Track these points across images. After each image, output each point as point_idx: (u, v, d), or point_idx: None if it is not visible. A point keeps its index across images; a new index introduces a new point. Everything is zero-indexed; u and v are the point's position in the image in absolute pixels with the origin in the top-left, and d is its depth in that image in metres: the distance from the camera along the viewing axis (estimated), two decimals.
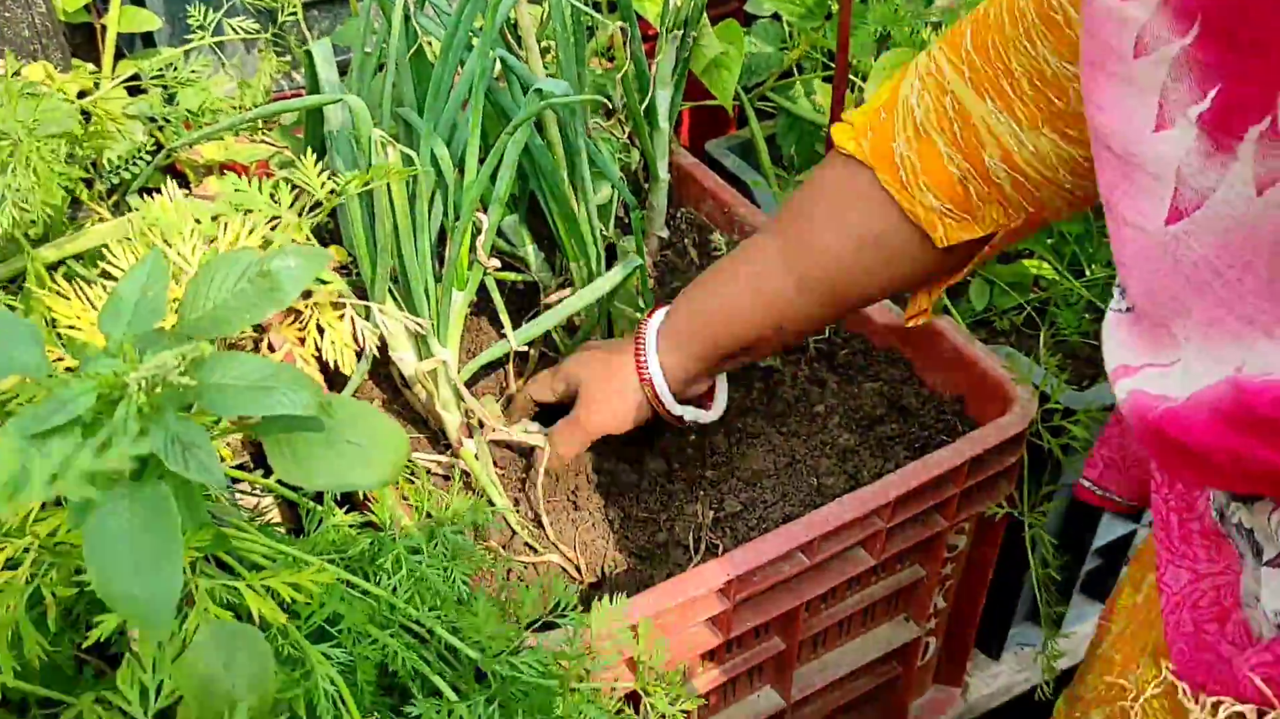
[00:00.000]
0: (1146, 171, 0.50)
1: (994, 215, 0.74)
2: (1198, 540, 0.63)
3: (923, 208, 0.74)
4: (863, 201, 0.76)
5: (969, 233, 0.74)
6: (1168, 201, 0.50)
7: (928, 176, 0.73)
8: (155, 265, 0.44)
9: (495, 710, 0.61)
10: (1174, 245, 0.50)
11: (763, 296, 0.83)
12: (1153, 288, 0.52)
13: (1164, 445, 0.53)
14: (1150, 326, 0.54)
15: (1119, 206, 0.52)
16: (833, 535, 0.86)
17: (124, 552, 0.40)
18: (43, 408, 0.40)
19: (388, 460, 0.46)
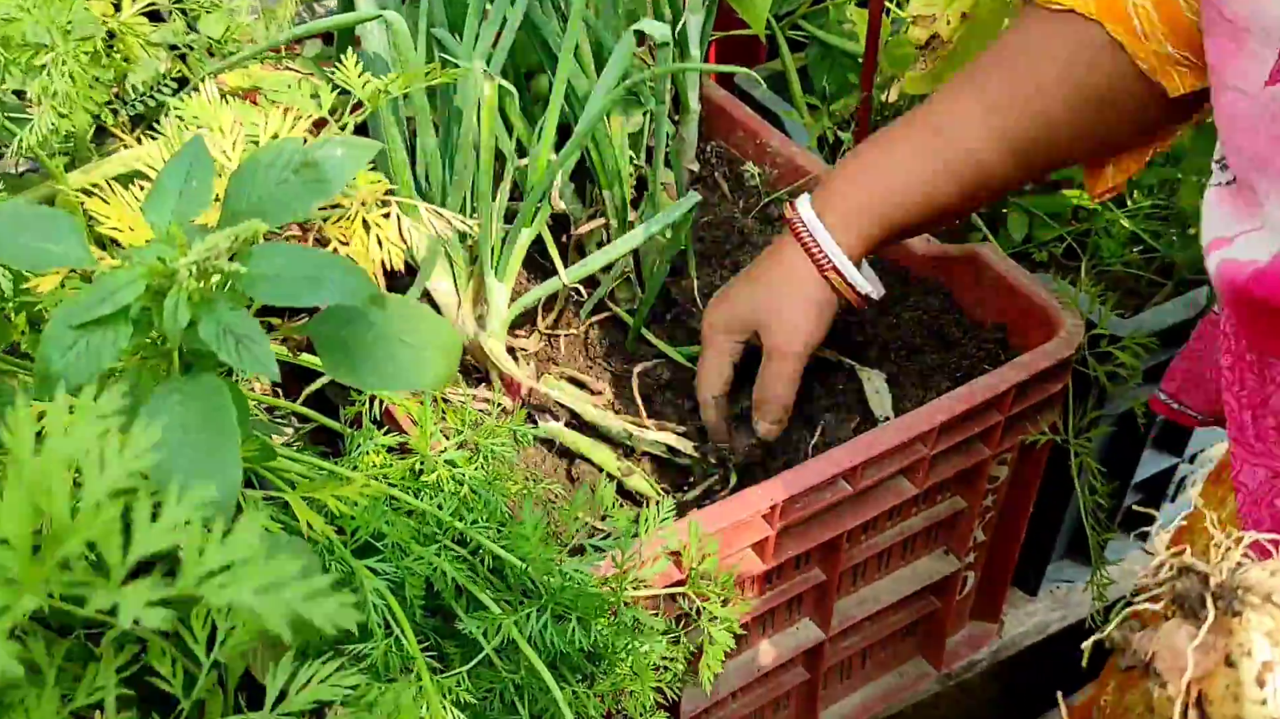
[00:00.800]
0: (1255, 36, 0.50)
1: None
2: (1274, 438, 0.62)
3: (1157, 57, 0.70)
4: (1091, 56, 0.71)
5: (1203, 80, 0.69)
6: (1270, 64, 0.50)
7: (1164, 24, 0.69)
8: (199, 152, 0.42)
9: (547, 620, 0.60)
10: (1272, 104, 0.50)
11: (964, 167, 0.77)
12: (1242, 147, 0.52)
13: (1252, 309, 0.53)
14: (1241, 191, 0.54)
15: (1225, 72, 0.53)
16: (876, 462, 0.85)
17: (181, 447, 0.38)
18: (88, 297, 0.38)
19: (441, 362, 0.44)
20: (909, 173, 0.79)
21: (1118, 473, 1.10)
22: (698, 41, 1.09)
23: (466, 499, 0.65)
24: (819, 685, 1.00)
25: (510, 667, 0.64)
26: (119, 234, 0.47)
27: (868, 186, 0.80)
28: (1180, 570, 0.38)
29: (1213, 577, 0.38)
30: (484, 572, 0.65)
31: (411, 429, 0.68)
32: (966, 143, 0.77)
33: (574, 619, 0.63)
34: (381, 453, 0.67)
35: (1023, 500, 1.02)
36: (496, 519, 0.66)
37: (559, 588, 0.63)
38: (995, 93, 0.76)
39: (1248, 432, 0.63)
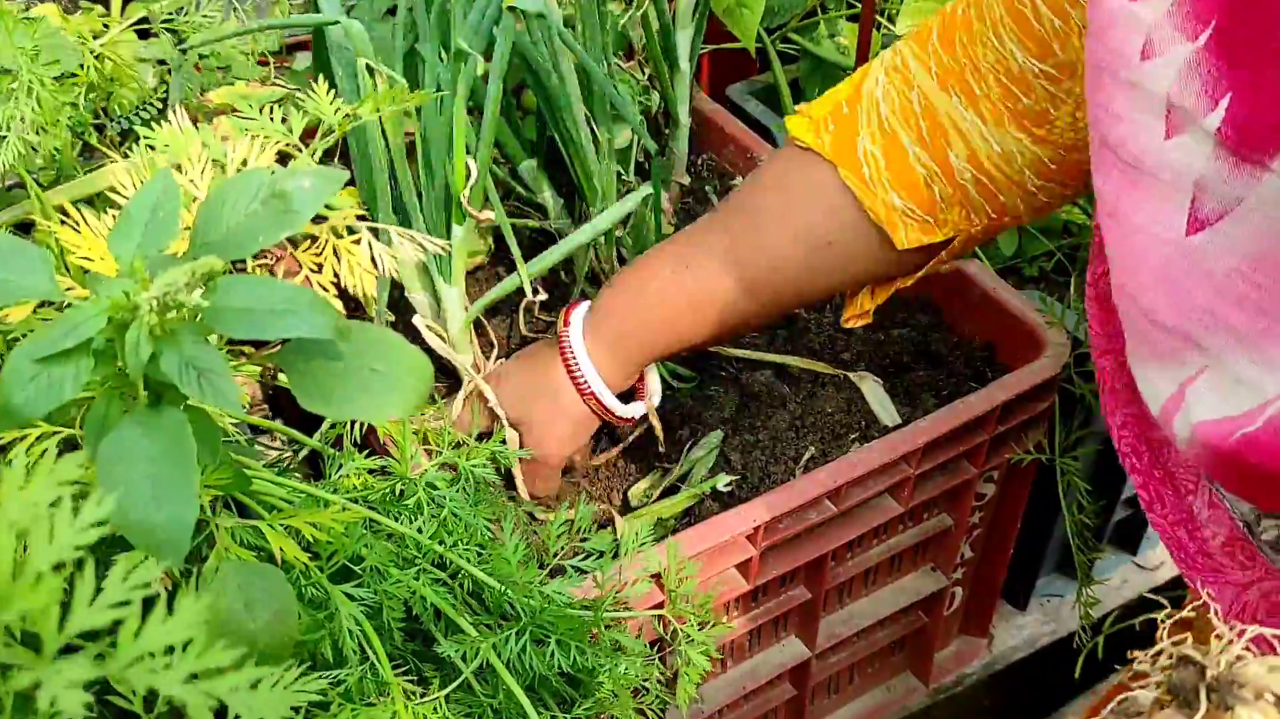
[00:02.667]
0: (1160, 179, 0.48)
1: (955, 219, 0.72)
2: (1218, 551, 0.60)
3: (885, 207, 0.71)
4: (823, 199, 0.73)
5: (930, 236, 0.72)
6: (1185, 211, 0.47)
7: (892, 174, 0.71)
8: (166, 184, 0.42)
9: (526, 643, 0.60)
10: (1200, 256, 0.48)
11: (706, 301, 0.78)
12: (1179, 300, 0.50)
13: (1246, 471, 0.51)
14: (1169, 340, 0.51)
15: (1128, 215, 0.50)
16: (860, 482, 0.85)
17: (140, 480, 0.38)
18: (53, 331, 0.38)
19: (413, 388, 0.44)
20: (671, 308, 0.80)
21: (1106, 488, 1.10)
22: (688, 56, 1.09)
23: (446, 522, 0.65)
24: (806, 701, 1.00)
25: (489, 691, 0.64)
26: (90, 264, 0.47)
27: (632, 318, 0.82)
28: (1179, 660, 0.38)
29: (1209, 668, 0.37)
30: (463, 595, 0.64)
31: (392, 450, 0.68)
32: (717, 283, 0.78)
33: (553, 642, 0.63)
34: (362, 475, 0.67)
35: (1010, 517, 1.02)
36: (477, 541, 0.65)
37: (539, 609, 0.63)
38: (742, 232, 0.77)
39: (1189, 550, 0.61)
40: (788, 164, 0.75)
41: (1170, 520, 0.62)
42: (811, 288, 0.78)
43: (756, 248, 0.76)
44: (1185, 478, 0.62)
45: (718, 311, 0.79)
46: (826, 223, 0.73)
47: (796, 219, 0.74)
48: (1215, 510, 0.60)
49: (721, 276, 0.77)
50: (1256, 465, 0.49)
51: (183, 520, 0.38)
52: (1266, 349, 0.48)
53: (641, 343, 0.82)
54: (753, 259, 0.76)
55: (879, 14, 1.18)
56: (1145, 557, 1.23)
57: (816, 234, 0.74)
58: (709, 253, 0.78)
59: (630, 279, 0.83)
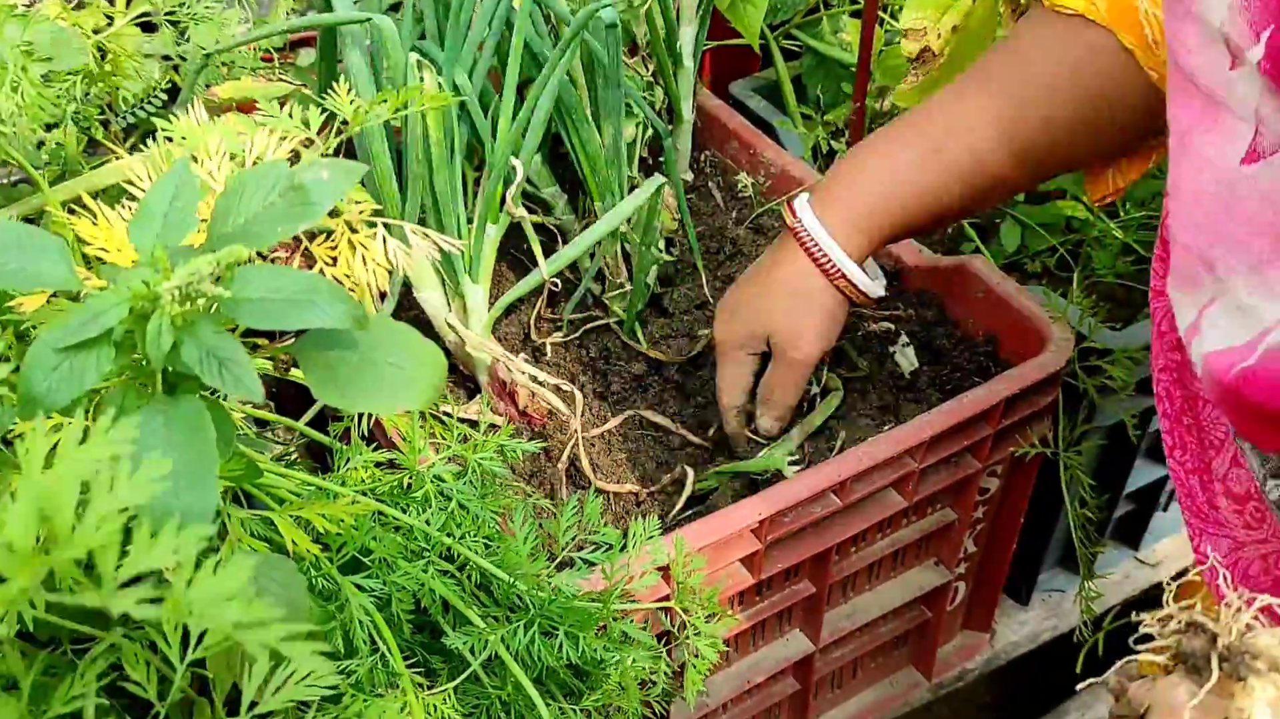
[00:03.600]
0: (1231, 111, 0.49)
1: None
2: (1226, 505, 0.61)
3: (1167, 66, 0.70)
4: (1100, 62, 0.70)
5: None
6: (1248, 141, 0.48)
7: None
8: (184, 175, 0.42)
9: (534, 634, 0.60)
10: (1243, 185, 0.49)
11: (969, 170, 0.75)
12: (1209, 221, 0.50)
13: (1242, 408, 0.51)
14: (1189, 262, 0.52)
15: (1195, 140, 0.51)
16: (864, 476, 0.85)
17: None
18: (73, 320, 0.39)
19: (428, 381, 0.44)
20: (913, 176, 0.77)
21: (1109, 483, 1.10)
22: (691, 52, 1.10)
23: (455, 514, 0.65)
24: (810, 696, 1.01)
25: (497, 683, 0.64)
26: (106, 255, 0.48)
27: (871, 190, 0.78)
28: (1188, 626, 0.38)
29: (1221, 637, 0.37)
30: (470, 587, 0.65)
31: (401, 444, 0.69)
32: (971, 145, 0.75)
33: (562, 633, 0.63)
34: (370, 468, 0.67)
35: (1014, 512, 1.02)
36: (485, 534, 0.66)
37: (547, 601, 0.63)
38: (1002, 94, 0.74)
39: (1198, 499, 0.62)
40: (1052, 28, 0.72)
41: (1188, 468, 0.63)
42: (1080, 152, 0.75)
43: (1028, 114, 0.73)
44: (1214, 433, 0.62)
45: (982, 178, 0.76)
46: (1103, 85, 0.71)
47: (1071, 81, 0.72)
48: (1237, 469, 0.60)
49: (990, 142, 0.75)
50: (1255, 403, 0.50)
51: (204, 507, 0.38)
52: (1270, 278, 0.49)
53: (885, 219, 0.79)
54: (1025, 124, 0.74)
55: (881, 10, 1.18)
56: (1147, 552, 1.23)
57: (1092, 97, 0.71)
58: (970, 120, 0.76)
59: (867, 157, 0.80)
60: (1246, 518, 0.60)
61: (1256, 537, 0.60)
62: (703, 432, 0.94)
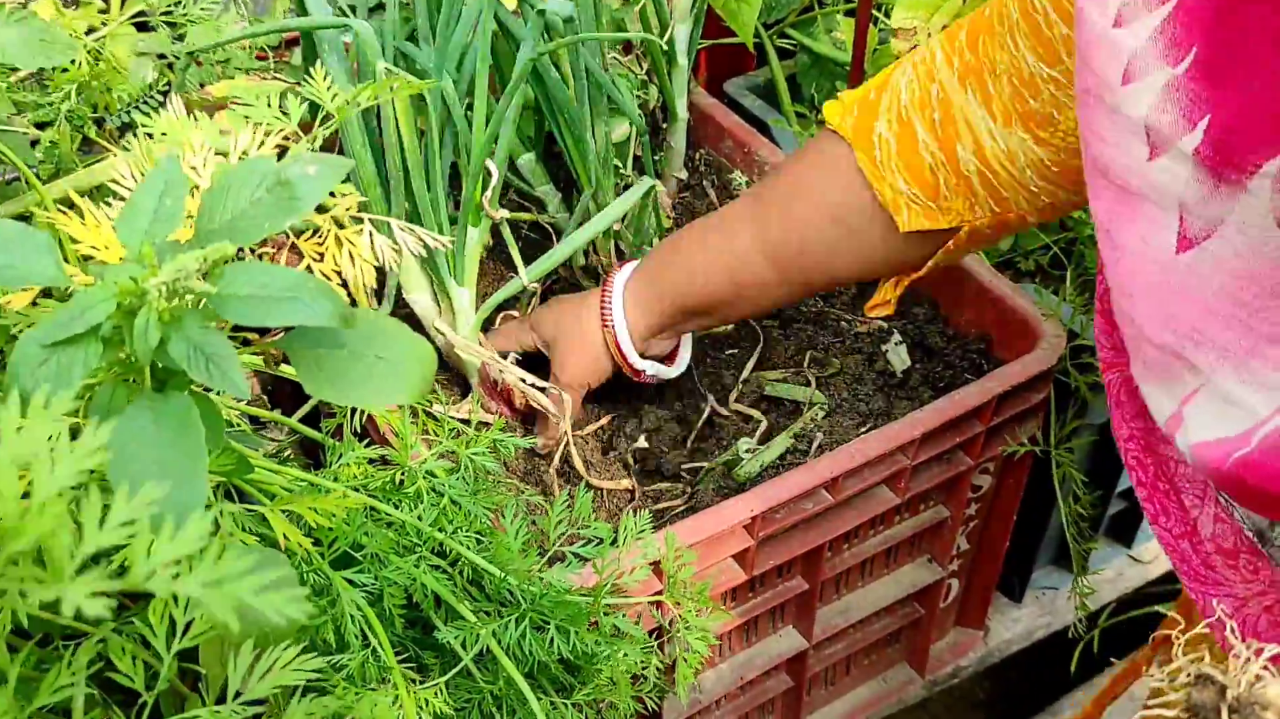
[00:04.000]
0: (1148, 200, 0.49)
1: (959, 208, 0.74)
2: (1221, 563, 0.61)
3: (891, 189, 0.74)
4: (838, 177, 0.76)
5: (932, 222, 0.74)
6: (1175, 231, 0.49)
7: (901, 159, 0.73)
8: (172, 172, 0.42)
9: (525, 629, 0.60)
10: (1189, 276, 0.49)
11: (731, 261, 0.83)
12: (1170, 318, 0.51)
13: (1247, 493, 0.52)
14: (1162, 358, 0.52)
15: (1120, 235, 0.51)
16: (856, 472, 0.85)
17: (149, 462, 0.39)
18: (60, 316, 0.39)
19: (416, 375, 0.45)
20: (700, 264, 0.85)
21: (1101, 481, 1.10)
22: (685, 50, 1.10)
23: (446, 510, 0.65)
24: (803, 692, 1.01)
25: (489, 677, 0.64)
26: (94, 252, 0.48)
27: (666, 272, 0.87)
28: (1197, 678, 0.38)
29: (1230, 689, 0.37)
30: (462, 582, 0.65)
31: (393, 440, 0.69)
32: (741, 245, 0.82)
33: (553, 628, 0.63)
34: (362, 464, 0.67)
35: (1006, 509, 1.02)
36: (476, 529, 0.66)
37: (538, 596, 0.64)
38: (768, 200, 0.81)
39: (1193, 563, 0.62)
40: (818, 144, 0.79)
41: (1175, 533, 0.63)
42: (830, 267, 0.80)
43: (779, 215, 0.80)
44: (1191, 491, 0.63)
45: (741, 274, 0.83)
46: (840, 199, 0.77)
47: (816, 192, 0.78)
48: (1221, 524, 0.61)
49: (748, 240, 0.82)
50: (1257, 488, 0.50)
51: (193, 500, 0.38)
52: (1254, 368, 0.49)
53: (670, 299, 0.87)
54: (775, 225, 0.80)
55: (876, 9, 1.18)
56: (1140, 549, 1.23)
57: (831, 209, 0.77)
58: (739, 216, 0.83)
59: (673, 242, 0.89)
60: (1242, 571, 0.61)
61: (1255, 589, 0.61)
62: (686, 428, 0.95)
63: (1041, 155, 0.69)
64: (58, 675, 0.44)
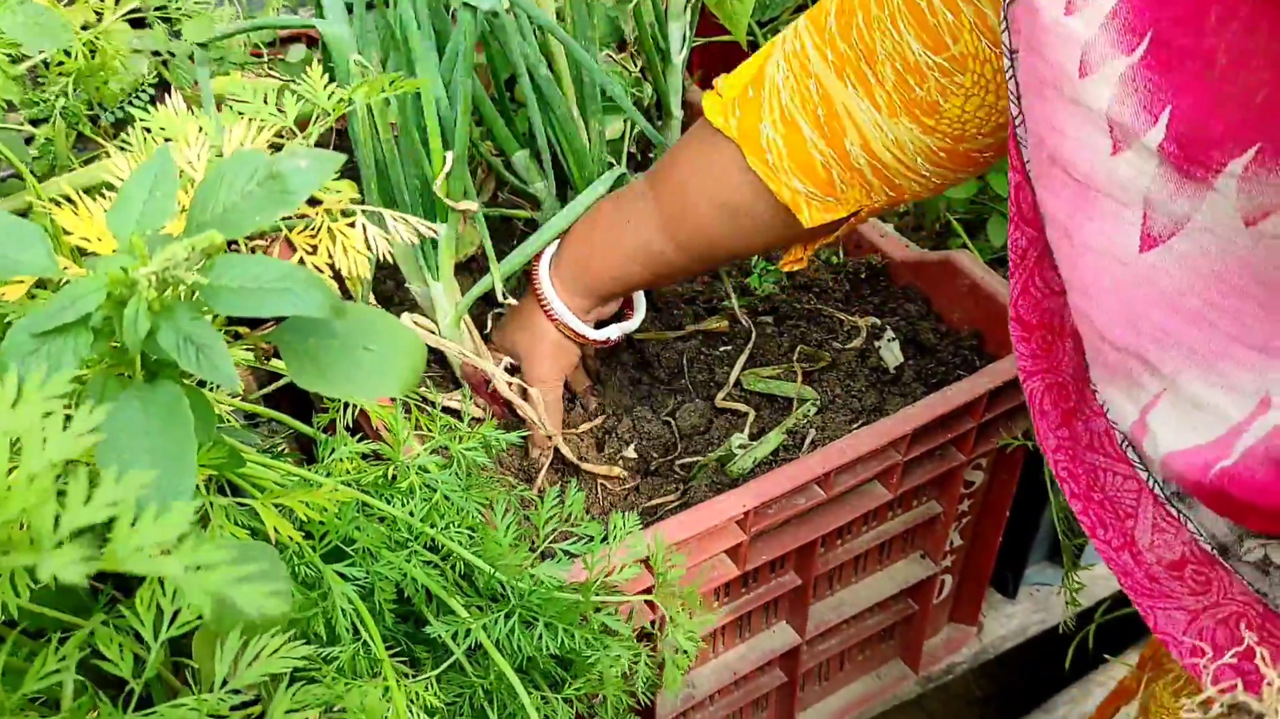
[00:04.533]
0: (1110, 197, 0.47)
1: (856, 197, 0.75)
2: (1164, 574, 0.60)
3: (789, 190, 0.75)
4: (734, 176, 0.77)
5: (833, 213, 0.75)
6: (1139, 228, 0.47)
7: (793, 161, 0.73)
8: (163, 164, 0.43)
9: (515, 624, 0.60)
10: (1153, 274, 0.47)
11: (644, 254, 0.85)
12: (1133, 319, 0.49)
13: (1234, 507, 0.50)
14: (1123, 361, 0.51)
15: (1081, 233, 0.49)
16: (848, 468, 0.85)
17: (138, 451, 0.39)
18: (50, 306, 0.39)
19: (405, 367, 0.45)
20: (613, 255, 0.87)
21: None
22: (679, 48, 1.10)
23: (438, 505, 0.65)
24: (797, 688, 1.01)
25: (480, 672, 0.65)
26: (88, 244, 0.48)
27: (581, 261, 0.90)
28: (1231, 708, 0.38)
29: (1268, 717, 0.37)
30: (454, 577, 0.65)
31: (385, 435, 0.69)
32: (650, 239, 0.84)
33: (542, 624, 0.64)
34: (355, 459, 0.68)
35: (999, 505, 1.03)
36: (468, 524, 0.66)
37: (527, 592, 0.64)
38: (666, 200, 0.83)
39: (1136, 575, 0.61)
40: (706, 141, 0.78)
41: (1114, 546, 0.62)
42: (734, 248, 0.83)
43: (681, 216, 0.82)
44: (1125, 501, 0.61)
45: (656, 263, 0.85)
46: (740, 197, 0.77)
47: (714, 190, 0.79)
48: (1161, 534, 0.59)
49: (656, 235, 0.84)
50: (1245, 501, 0.49)
51: (182, 489, 0.38)
52: (1224, 370, 0.47)
53: (592, 283, 0.89)
54: (679, 224, 0.82)
55: None
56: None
57: (733, 206, 0.78)
58: (642, 215, 0.85)
59: (580, 229, 0.91)
60: (1189, 583, 0.59)
61: (1207, 602, 0.59)
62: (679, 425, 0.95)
63: (929, 143, 0.69)
64: (44, 663, 0.44)
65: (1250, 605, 0.58)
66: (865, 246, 1.07)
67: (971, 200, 1.18)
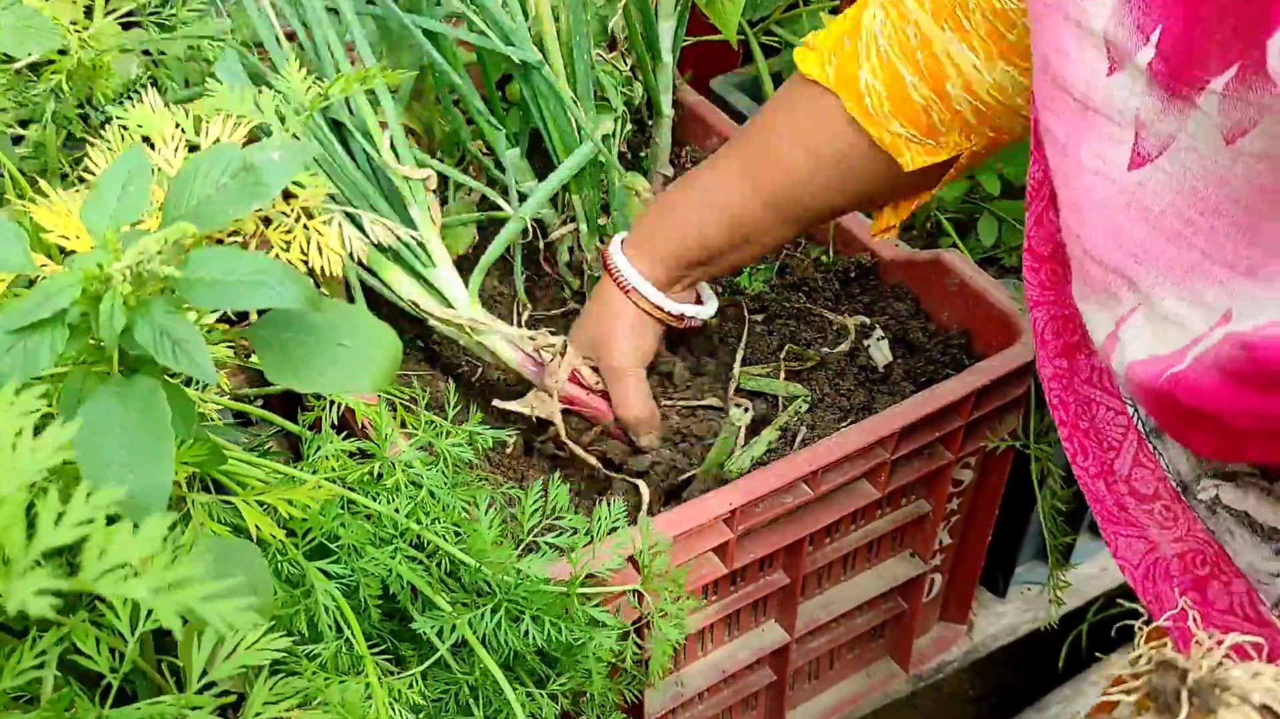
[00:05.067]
0: (1106, 117, 0.50)
1: (956, 140, 0.75)
2: (1134, 505, 0.62)
3: (889, 134, 0.75)
4: (829, 125, 0.76)
5: (934, 156, 0.75)
6: (1129, 147, 0.49)
7: (893, 105, 0.74)
8: (136, 161, 0.43)
9: (501, 619, 0.60)
10: (1139, 192, 0.50)
11: (729, 212, 0.83)
12: (1116, 235, 0.51)
13: (1179, 413, 0.52)
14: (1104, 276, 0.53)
15: (1078, 153, 0.52)
16: (836, 467, 0.85)
17: (115, 447, 0.39)
18: (26, 302, 0.39)
19: (381, 363, 0.45)
20: (698, 217, 0.85)
21: None
22: (670, 47, 1.10)
23: (423, 502, 0.65)
24: (786, 686, 1.01)
25: (465, 668, 0.65)
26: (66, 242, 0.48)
27: (665, 226, 0.88)
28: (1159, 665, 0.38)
29: (1191, 673, 0.37)
30: (439, 574, 0.65)
31: (370, 433, 0.69)
32: (738, 197, 0.83)
33: (528, 618, 0.64)
34: (341, 456, 0.68)
35: (988, 503, 1.03)
36: (453, 520, 0.66)
37: (513, 585, 0.64)
38: (757, 152, 0.82)
39: (1106, 503, 0.64)
40: (797, 93, 0.79)
41: (1091, 473, 0.65)
42: (827, 202, 0.81)
43: (772, 167, 0.80)
44: (1111, 435, 0.64)
45: (742, 222, 0.83)
46: (836, 146, 0.77)
47: (807, 139, 0.78)
48: (1141, 469, 0.62)
49: (744, 191, 0.82)
50: (1190, 407, 0.51)
51: (159, 485, 0.38)
52: (1195, 286, 0.49)
53: (673, 252, 0.87)
54: (769, 176, 0.81)
55: None
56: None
57: (828, 156, 0.78)
58: (729, 170, 0.83)
59: (662, 199, 0.90)
60: (1157, 517, 0.62)
61: (1169, 537, 0.62)
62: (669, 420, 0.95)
63: (1028, 83, 0.69)
64: (20, 659, 0.44)
65: (1209, 544, 0.61)
66: (855, 245, 1.07)
67: (962, 200, 1.18)
